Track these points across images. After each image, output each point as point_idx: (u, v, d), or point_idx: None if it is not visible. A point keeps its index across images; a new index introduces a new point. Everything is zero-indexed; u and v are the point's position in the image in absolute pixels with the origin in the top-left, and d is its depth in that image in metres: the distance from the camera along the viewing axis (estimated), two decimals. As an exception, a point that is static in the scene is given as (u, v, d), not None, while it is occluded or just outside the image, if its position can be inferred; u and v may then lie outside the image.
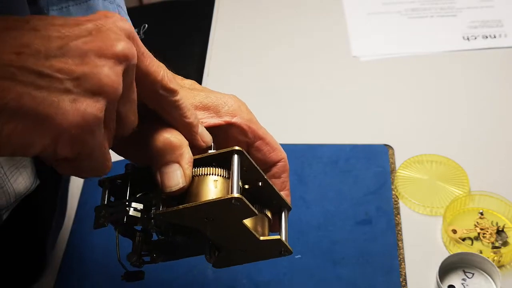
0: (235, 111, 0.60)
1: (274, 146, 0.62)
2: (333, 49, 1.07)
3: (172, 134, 0.54)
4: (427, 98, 0.98)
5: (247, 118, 0.60)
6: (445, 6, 1.13)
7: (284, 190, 0.62)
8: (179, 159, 0.53)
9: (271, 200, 0.59)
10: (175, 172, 0.53)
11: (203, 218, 0.53)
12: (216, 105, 0.59)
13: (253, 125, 0.60)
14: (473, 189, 0.84)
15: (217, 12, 1.15)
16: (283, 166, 0.62)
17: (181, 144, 0.54)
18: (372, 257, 0.78)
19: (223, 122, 0.59)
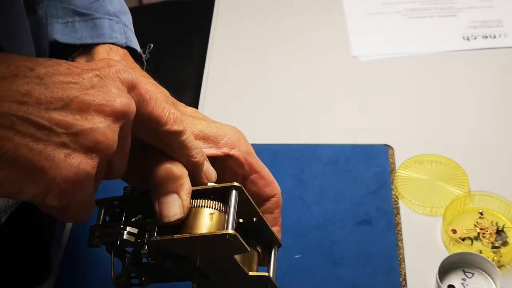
0: (234, 143, 0.60)
1: (269, 180, 0.62)
2: (333, 49, 1.07)
3: (173, 164, 0.54)
4: (427, 98, 0.98)
5: (245, 150, 0.61)
6: (445, 6, 1.13)
7: (276, 226, 0.62)
8: (178, 190, 0.53)
9: (263, 235, 0.60)
10: (173, 202, 0.53)
11: (196, 249, 0.53)
12: (216, 135, 0.60)
13: (250, 158, 0.61)
14: (473, 189, 0.84)
15: (217, 12, 1.15)
16: (276, 202, 0.62)
17: (181, 175, 0.54)
18: (372, 257, 0.78)
19: (221, 153, 0.60)
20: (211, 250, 0.53)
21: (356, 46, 1.07)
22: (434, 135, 0.92)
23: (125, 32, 0.68)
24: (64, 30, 0.66)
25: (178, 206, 0.53)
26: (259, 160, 0.62)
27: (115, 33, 0.67)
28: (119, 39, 0.67)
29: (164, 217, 0.53)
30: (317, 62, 1.05)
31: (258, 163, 0.62)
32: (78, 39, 0.66)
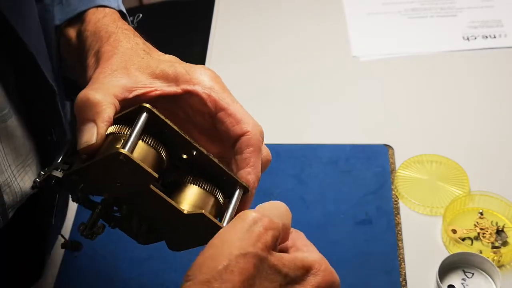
0: (196, 80, 0.56)
1: (237, 117, 0.56)
2: (333, 49, 1.07)
3: (93, 91, 0.53)
4: (427, 98, 0.98)
5: (208, 86, 0.56)
6: (445, 6, 1.13)
7: (247, 167, 0.55)
8: (95, 117, 0.52)
9: (222, 177, 0.54)
10: (89, 129, 0.52)
11: (113, 181, 0.50)
12: (177, 73, 0.57)
13: (215, 94, 0.56)
14: (473, 189, 0.84)
15: (217, 12, 1.15)
16: (247, 140, 0.55)
17: (99, 102, 0.53)
18: (372, 257, 0.78)
19: (180, 90, 0.56)
20: (124, 181, 0.50)
21: (356, 46, 1.07)
22: (434, 135, 0.92)
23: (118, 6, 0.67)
24: (61, 10, 0.66)
25: (92, 133, 0.52)
26: (228, 97, 0.57)
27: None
28: (111, 2, 0.66)
29: (80, 144, 0.52)
30: (317, 62, 1.05)
31: (226, 100, 0.56)
32: (73, 11, 0.65)
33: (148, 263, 0.79)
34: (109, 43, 0.60)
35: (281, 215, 0.53)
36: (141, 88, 0.56)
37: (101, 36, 0.61)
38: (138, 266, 0.78)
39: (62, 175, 0.52)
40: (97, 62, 0.59)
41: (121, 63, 0.57)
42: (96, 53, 0.60)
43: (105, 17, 0.64)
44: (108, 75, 0.56)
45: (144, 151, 0.51)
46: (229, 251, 0.48)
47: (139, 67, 0.57)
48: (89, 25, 0.63)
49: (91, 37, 0.62)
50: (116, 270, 0.79)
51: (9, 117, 0.59)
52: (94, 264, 0.80)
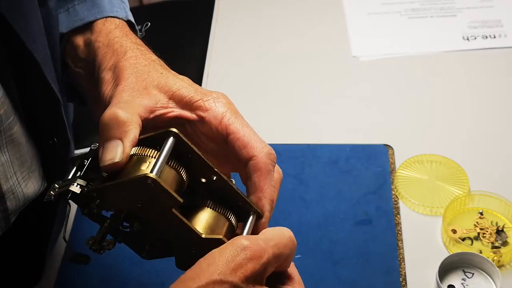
0: (209, 106, 0.57)
1: (245, 141, 0.56)
2: (333, 49, 1.07)
3: (120, 109, 0.53)
4: (427, 98, 0.98)
5: (221, 112, 0.57)
6: (445, 6, 1.13)
7: (256, 192, 0.56)
8: (122, 136, 0.52)
9: (236, 202, 0.55)
10: (115, 148, 0.52)
11: (133, 202, 0.51)
12: (192, 98, 0.57)
13: (226, 120, 0.56)
14: (473, 189, 0.84)
15: (217, 12, 1.15)
16: (254, 165, 0.56)
17: (126, 121, 0.53)
18: (372, 257, 0.78)
19: (194, 116, 0.57)
20: (146, 202, 0.50)
21: (356, 46, 1.07)
22: (434, 135, 0.92)
23: (124, 8, 0.68)
24: (67, 18, 0.66)
25: (118, 151, 0.52)
26: (238, 122, 0.57)
27: (115, 8, 0.67)
28: (119, 13, 0.67)
29: (101, 161, 0.52)
30: (317, 62, 1.05)
31: (235, 125, 0.56)
32: (80, 20, 0.66)
33: (149, 262, 0.78)
34: (126, 59, 0.60)
35: (281, 245, 0.52)
36: (160, 109, 0.57)
37: (115, 49, 0.61)
38: (139, 266, 0.78)
39: (80, 191, 0.52)
40: (116, 78, 0.59)
41: (141, 82, 0.58)
42: (112, 67, 0.60)
43: (116, 28, 0.64)
44: (130, 94, 0.57)
45: (169, 175, 0.52)
46: (209, 274, 0.48)
47: (158, 85, 0.58)
48: (100, 36, 0.64)
49: (103, 49, 0.62)
50: (117, 269, 0.79)
51: (14, 125, 0.59)
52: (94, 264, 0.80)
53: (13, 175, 0.60)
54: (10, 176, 0.60)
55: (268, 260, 0.50)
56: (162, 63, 0.62)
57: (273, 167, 0.57)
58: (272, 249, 0.51)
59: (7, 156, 0.59)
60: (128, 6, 0.70)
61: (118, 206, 0.53)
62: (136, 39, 0.65)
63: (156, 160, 0.50)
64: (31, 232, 0.70)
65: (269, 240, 0.51)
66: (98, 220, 0.54)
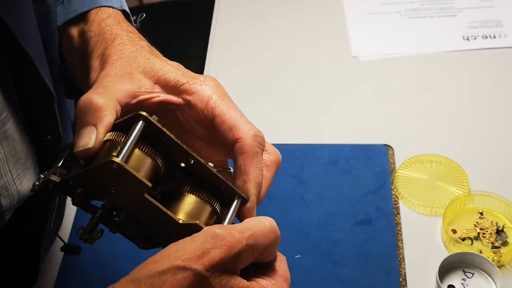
0: (195, 89, 0.55)
1: (230, 124, 0.54)
2: (333, 49, 1.07)
3: (97, 95, 0.53)
4: (427, 98, 0.98)
5: (207, 94, 0.55)
6: (445, 6, 1.13)
7: (241, 176, 0.54)
8: (96, 122, 0.52)
9: (220, 187, 0.53)
10: (89, 134, 0.52)
11: (108, 188, 0.50)
12: (178, 81, 0.56)
13: (212, 102, 0.55)
14: (473, 189, 0.84)
15: (217, 12, 1.15)
16: (239, 148, 0.54)
17: (101, 106, 0.52)
18: (372, 257, 0.78)
19: (180, 100, 0.56)
20: (118, 189, 0.50)
21: (356, 46, 1.07)
22: (434, 135, 0.92)
23: (121, 5, 0.67)
24: (62, 11, 0.66)
25: (91, 137, 0.51)
26: (225, 104, 0.55)
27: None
28: (113, 2, 0.65)
29: (77, 147, 0.51)
30: (317, 62, 1.05)
31: (221, 107, 0.55)
32: (74, 11, 0.65)
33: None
34: (114, 45, 0.59)
35: (259, 235, 0.50)
36: (143, 94, 0.56)
37: (105, 38, 0.61)
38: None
39: (59, 179, 0.52)
40: (102, 65, 0.58)
41: (126, 67, 0.57)
42: (100, 55, 0.59)
43: (109, 17, 0.64)
44: (112, 79, 0.56)
45: (139, 160, 0.51)
46: (174, 259, 0.47)
47: (144, 70, 0.57)
48: (93, 26, 0.63)
49: (95, 38, 0.61)
50: (118, 269, 0.79)
51: (7, 121, 0.59)
52: (94, 264, 0.80)
53: (7, 172, 0.60)
54: (4, 173, 0.60)
55: (241, 250, 0.48)
56: (152, 49, 0.61)
57: (260, 150, 0.55)
58: (247, 239, 0.49)
59: (2, 153, 0.59)
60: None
61: (96, 194, 0.52)
62: (128, 26, 0.63)
63: (123, 145, 0.50)
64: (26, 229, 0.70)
65: (246, 229, 0.49)
66: (89, 210, 0.54)
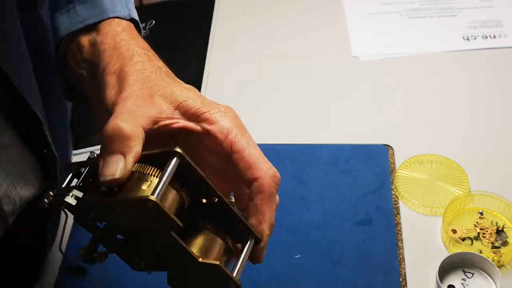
0: (215, 119, 0.55)
1: (250, 162, 0.54)
2: (333, 49, 1.07)
3: (125, 122, 0.52)
4: (427, 98, 0.98)
5: (227, 127, 0.55)
6: (445, 6, 1.13)
7: (257, 215, 0.54)
8: (125, 151, 0.51)
9: (234, 224, 0.53)
10: (116, 163, 0.50)
11: (131, 220, 0.49)
12: (198, 109, 0.55)
13: (231, 136, 0.55)
14: (473, 189, 0.84)
15: (217, 12, 1.15)
16: (258, 187, 0.54)
17: (131, 135, 0.51)
18: (372, 257, 0.78)
19: (199, 128, 0.55)
20: (144, 222, 0.49)
21: (356, 46, 1.07)
22: (434, 135, 0.92)
23: (126, 4, 0.66)
24: (68, 20, 0.65)
25: (119, 167, 0.50)
26: (245, 140, 0.55)
27: (117, 7, 0.64)
28: (122, 12, 0.64)
29: (102, 175, 0.50)
30: (317, 62, 1.05)
31: (242, 142, 0.55)
32: (81, 22, 0.64)
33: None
34: (132, 64, 0.58)
35: None
36: (164, 119, 0.55)
37: (122, 53, 0.60)
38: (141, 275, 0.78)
39: (75, 203, 0.51)
40: (121, 83, 0.57)
41: (147, 89, 0.56)
42: (117, 71, 0.58)
43: (123, 31, 0.63)
44: (135, 102, 0.55)
45: (170, 196, 0.51)
46: None
47: (164, 94, 0.56)
48: (106, 38, 0.62)
49: (109, 52, 0.60)
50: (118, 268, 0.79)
51: (3, 132, 0.58)
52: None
53: (5, 179, 0.60)
54: (3, 180, 0.59)
55: None
56: (168, 71, 0.60)
57: (276, 191, 0.56)
58: None
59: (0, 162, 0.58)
60: (132, 1, 0.68)
61: (113, 221, 0.52)
62: (144, 43, 0.63)
63: (158, 182, 0.49)
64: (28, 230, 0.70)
65: None
66: (91, 229, 0.53)
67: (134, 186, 0.50)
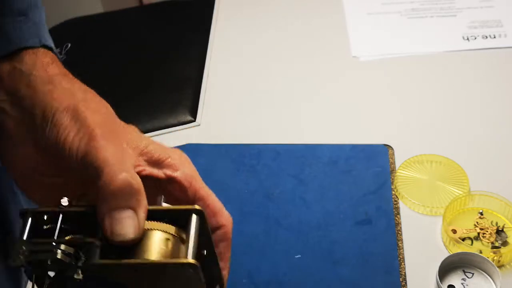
0: (178, 165, 0.54)
1: (215, 209, 0.55)
2: (333, 49, 1.07)
3: (131, 174, 0.49)
4: (427, 98, 0.98)
5: (189, 173, 0.54)
6: (445, 6, 1.13)
7: (221, 261, 0.55)
8: (135, 206, 0.48)
9: (210, 270, 0.53)
10: (128, 219, 0.47)
11: (144, 279, 0.47)
12: (160, 156, 0.54)
13: (196, 183, 0.54)
14: (473, 189, 0.84)
15: (217, 12, 1.15)
16: (223, 235, 0.55)
17: (140, 189, 0.48)
18: (372, 257, 0.78)
19: (163, 175, 0.54)
20: (161, 281, 0.47)
21: (355, 46, 1.07)
22: (434, 135, 0.92)
23: (37, 31, 0.59)
24: None
25: (133, 224, 0.47)
26: (205, 186, 0.55)
27: (25, 36, 0.58)
28: (30, 42, 0.58)
29: (116, 235, 0.46)
30: (317, 62, 1.05)
31: (204, 189, 0.55)
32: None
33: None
34: (84, 103, 0.53)
35: None
36: (136, 167, 0.53)
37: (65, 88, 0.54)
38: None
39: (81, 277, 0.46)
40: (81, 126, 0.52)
41: (114, 135, 0.52)
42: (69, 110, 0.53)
43: (54, 63, 0.57)
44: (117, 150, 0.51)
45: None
46: None
47: (129, 141, 0.53)
48: (36, 69, 0.56)
49: (47, 85, 0.55)
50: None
51: None
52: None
53: None
54: None
55: None
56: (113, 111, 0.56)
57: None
58: None
59: None
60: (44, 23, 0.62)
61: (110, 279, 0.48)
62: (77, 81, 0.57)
63: (187, 242, 0.47)
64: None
65: None
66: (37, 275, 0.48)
67: (150, 245, 0.48)
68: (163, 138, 0.94)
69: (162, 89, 1.03)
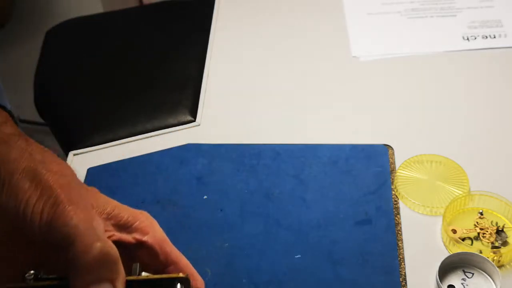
0: (147, 228, 0.53)
1: (190, 273, 0.53)
2: (333, 49, 1.07)
3: (106, 243, 0.47)
4: (427, 98, 0.98)
5: (159, 237, 0.53)
6: (445, 6, 1.13)
7: None
8: (114, 278, 0.45)
9: None
10: None
11: None
12: (128, 220, 0.52)
13: (166, 246, 0.53)
14: (473, 189, 0.84)
15: (217, 12, 1.15)
16: None
17: (118, 258, 0.46)
18: (372, 257, 0.78)
19: (132, 239, 0.52)
20: None
21: (355, 46, 1.07)
22: (434, 135, 0.92)
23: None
24: None
25: None
26: (175, 249, 0.54)
27: None
28: None
29: None
30: (317, 62, 1.05)
31: (175, 252, 0.53)
32: None
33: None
34: (45, 165, 0.50)
35: None
36: (106, 232, 0.51)
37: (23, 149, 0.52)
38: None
39: None
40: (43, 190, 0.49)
41: (82, 199, 0.50)
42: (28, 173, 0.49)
43: (7, 122, 0.54)
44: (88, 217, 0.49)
45: None
46: None
47: (95, 205, 0.52)
48: None
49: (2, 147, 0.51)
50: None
51: None
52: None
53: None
54: None
55: None
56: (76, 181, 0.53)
57: None
58: None
59: None
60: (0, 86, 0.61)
61: None
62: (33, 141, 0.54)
63: None
64: None
65: None
66: None
67: None
68: (163, 138, 0.94)
69: (162, 89, 1.03)
